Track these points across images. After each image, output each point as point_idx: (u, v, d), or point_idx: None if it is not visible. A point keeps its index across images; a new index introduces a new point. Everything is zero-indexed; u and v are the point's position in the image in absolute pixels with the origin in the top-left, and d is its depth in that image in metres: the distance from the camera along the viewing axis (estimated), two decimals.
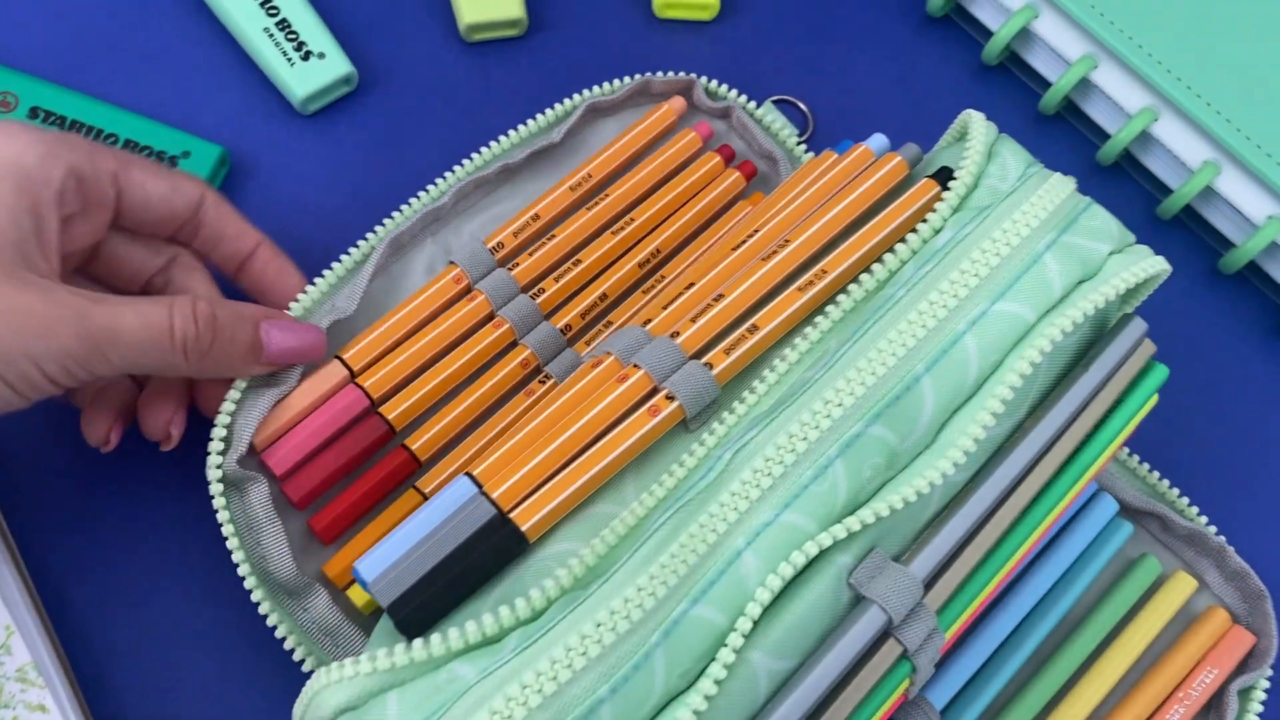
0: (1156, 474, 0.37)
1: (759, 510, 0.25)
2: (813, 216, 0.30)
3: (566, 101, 0.38)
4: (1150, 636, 0.34)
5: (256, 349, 0.29)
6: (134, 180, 0.31)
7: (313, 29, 0.40)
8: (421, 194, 0.36)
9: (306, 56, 0.40)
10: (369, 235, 0.35)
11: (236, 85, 0.40)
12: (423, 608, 0.25)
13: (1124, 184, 0.42)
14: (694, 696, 0.23)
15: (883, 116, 0.42)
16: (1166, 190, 0.41)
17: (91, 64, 0.40)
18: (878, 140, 0.33)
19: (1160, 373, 0.30)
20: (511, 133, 0.37)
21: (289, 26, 0.40)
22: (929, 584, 0.26)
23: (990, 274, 0.27)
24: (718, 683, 0.23)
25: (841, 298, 0.28)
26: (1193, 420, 0.39)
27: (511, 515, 0.26)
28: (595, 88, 0.38)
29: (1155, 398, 0.31)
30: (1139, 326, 0.29)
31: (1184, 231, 0.42)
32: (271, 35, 0.40)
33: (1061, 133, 0.43)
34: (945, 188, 0.30)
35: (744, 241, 0.31)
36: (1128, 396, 0.30)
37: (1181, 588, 0.35)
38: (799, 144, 0.39)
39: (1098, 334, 0.30)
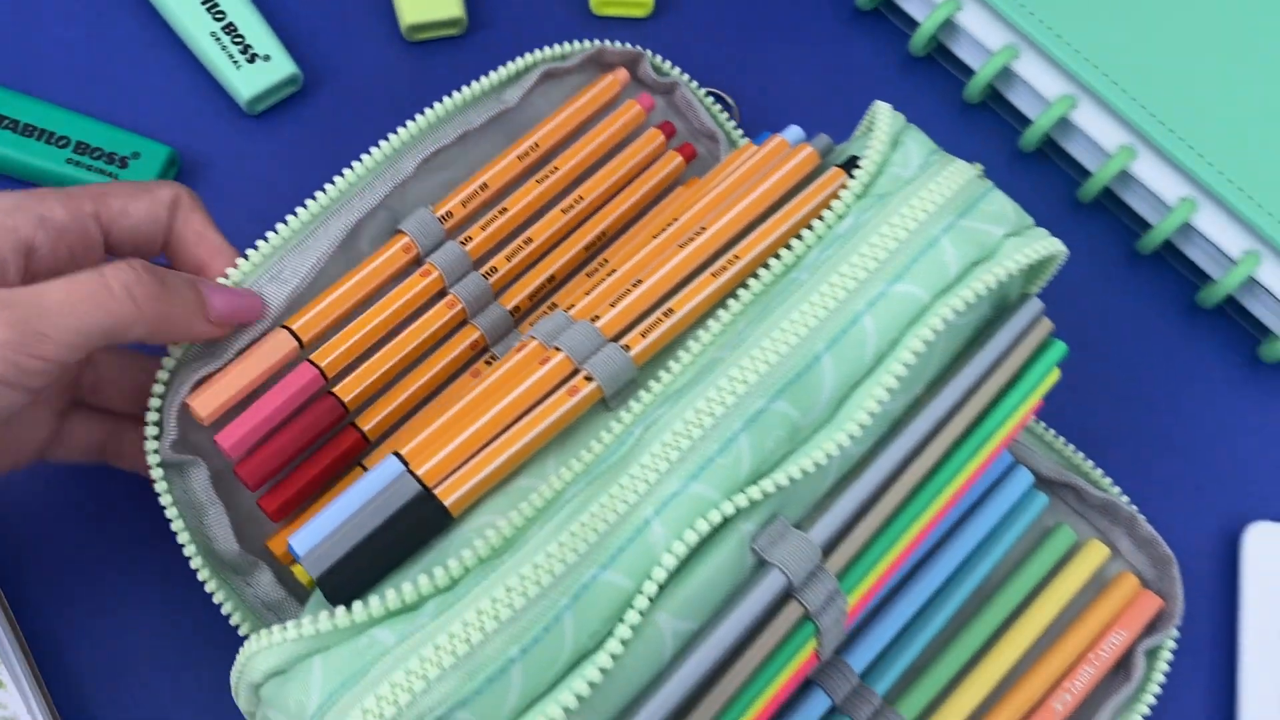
0: (1072, 447, 0.38)
1: (667, 481, 0.26)
2: (728, 205, 0.32)
3: (521, 60, 0.37)
4: (1064, 601, 0.36)
5: (203, 304, 0.30)
6: (115, 211, 0.31)
7: (258, 32, 0.41)
8: (370, 154, 0.34)
9: (252, 59, 0.41)
10: (308, 204, 0.33)
11: (184, 87, 0.42)
12: (350, 579, 0.26)
13: (1047, 169, 0.44)
14: (601, 655, 0.24)
15: (813, 109, 0.43)
16: (1087, 174, 0.43)
17: (41, 68, 0.41)
18: (793, 132, 0.34)
19: (1058, 349, 0.32)
20: (464, 90, 0.36)
21: (235, 30, 0.41)
22: (829, 549, 0.28)
23: (889, 257, 0.28)
24: (624, 642, 0.25)
25: (751, 281, 0.30)
26: (1108, 395, 0.40)
27: (436, 491, 0.27)
28: (548, 49, 0.38)
29: (1056, 373, 0.32)
30: (1035, 306, 0.31)
31: (1105, 214, 0.43)
32: (218, 38, 0.41)
33: (987, 121, 0.44)
34: (851, 176, 0.31)
35: (664, 230, 0.32)
36: (1026, 371, 0.31)
37: (1094, 555, 0.37)
38: (736, 128, 0.40)
39: (998, 314, 0.32)
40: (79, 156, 0.39)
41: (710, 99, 0.41)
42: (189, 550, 0.30)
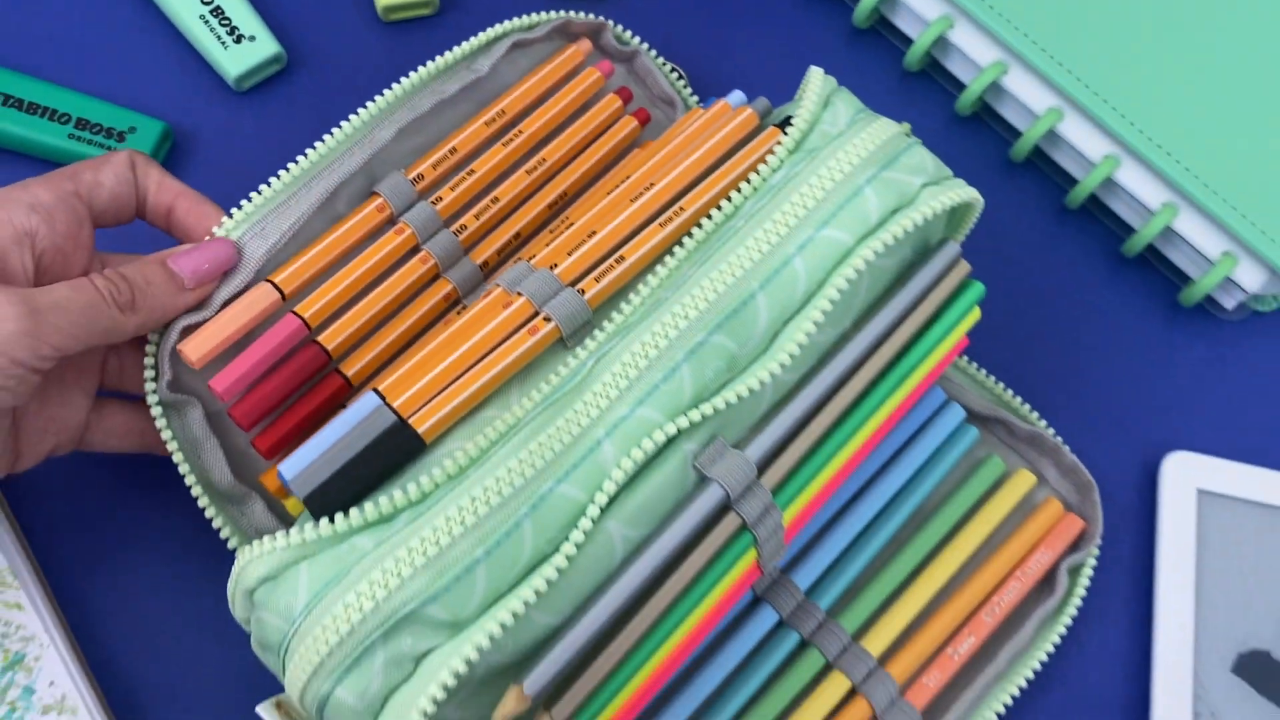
0: (1002, 385, 0.42)
1: (617, 406, 0.29)
2: (676, 163, 0.35)
3: (491, 30, 0.40)
4: (993, 524, 0.39)
5: (175, 279, 0.33)
6: (90, 183, 0.34)
7: (243, 13, 0.44)
8: (346, 123, 0.36)
9: (239, 39, 0.44)
10: (289, 168, 0.36)
11: (175, 66, 0.44)
12: (334, 499, 0.29)
13: (981, 132, 0.47)
14: (558, 557, 0.28)
15: (765, 79, 0.46)
16: (1018, 135, 0.46)
17: (43, 50, 0.44)
18: (735, 96, 0.37)
19: (976, 289, 0.35)
20: (436, 59, 0.38)
21: (222, 13, 0.44)
22: (764, 466, 0.31)
23: (817, 205, 0.32)
24: (578, 546, 0.28)
25: (695, 230, 0.33)
26: (1039, 338, 0.43)
27: (410, 420, 0.30)
28: (516, 19, 0.40)
29: (977, 311, 0.36)
30: (952, 249, 0.34)
31: (1036, 172, 0.46)
32: (206, 20, 0.44)
33: (927, 88, 0.47)
34: (785, 134, 0.34)
35: (618, 186, 0.35)
36: (947, 309, 0.34)
37: (1021, 483, 0.40)
38: (691, 95, 0.43)
39: (920, 257, 0.35)
40: (79, 132, 0.42)
41: (668, 67, 0.44)
42: (189, 480, 0.33)
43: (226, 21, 0.44)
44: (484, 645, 0.26)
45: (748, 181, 0.33)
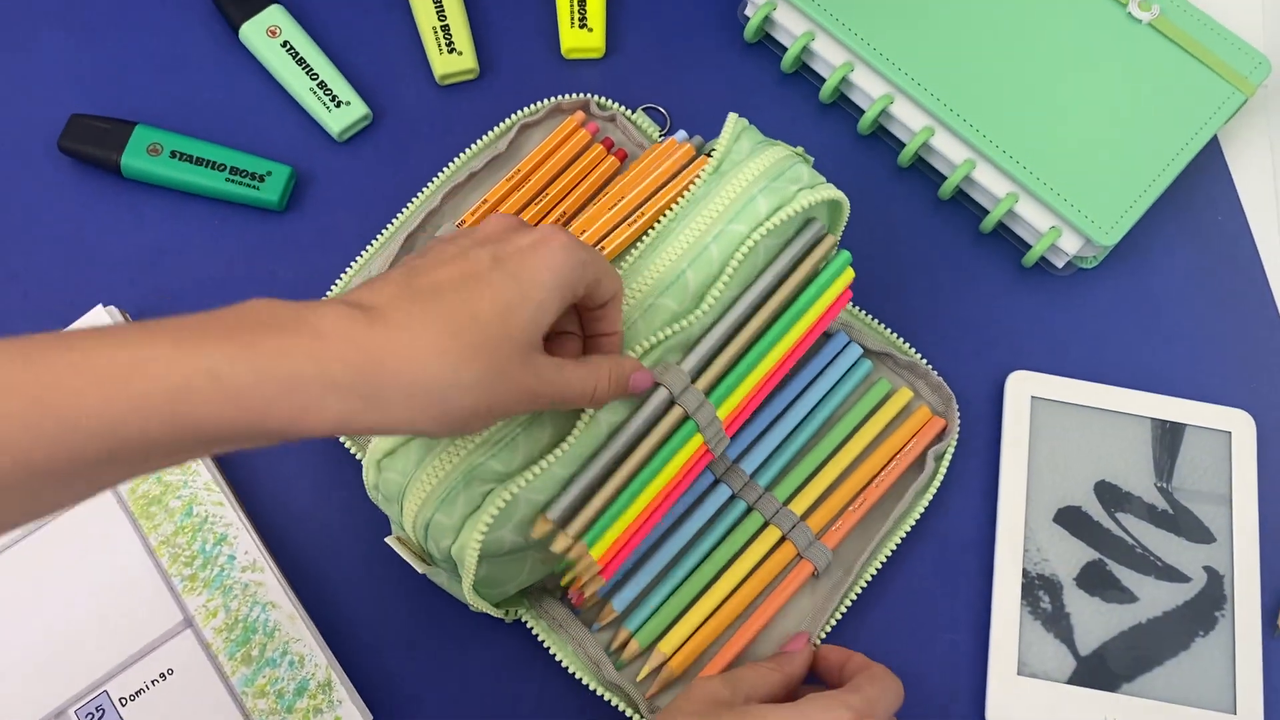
0: (889, 329, 0.58)
1: None
2: (636, 183, 0.52)
3: (506, 121, 0.59)
4: (881, 426, 0.56)
5: (625, 387, 0.43)
6: (597, 281, 0.41)
7: (340, 84, 0.62)
8: (418, 196, 0.57)
9: (338, 104, 0.62)
10: (387, 228, 0.56)
11: (294, 126, 0.62)
12: None
13: (876, 146, 0.63)
14: (571, 434, 0.45)
15: (716, 116, 0.63)
16: (902, 145, 0.63)
17: (199, 117, 0.62)
18: (680, 134, 0.54)
19: (844, 256, 0.51)
20: (471, 147, 0.58)
21: (325, 85, 0.62)
22: (696, 376, 0.48)
23: (724, 210, 0.48)
24: (582, 426, 0.45)
25: (649, 231, 0.50)
26: (918, 295, 0.60)
27: None
28: (524, 108, 0.60)
29: (851, 271, 0.52)
30: (816, 226, 0.50)
31: (917, 174, 0.63)
32: (314, 91, 0.62)
33: (838, 116, 0.64)
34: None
35: (600, 201, 0.53)
36: (823, 270, 0.51)
37: (901, 398, 0.57)
38: (661, 136, 0.61)
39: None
40: (233, 177, 0.60)
41: (645, 114, 0.61)
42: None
43: (329, 91, 0.62)
44: (522, 485, 0.43)
45: (684, 195, 0.50)
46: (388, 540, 0.47)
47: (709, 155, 0.52)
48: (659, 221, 0.49)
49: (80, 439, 0.31)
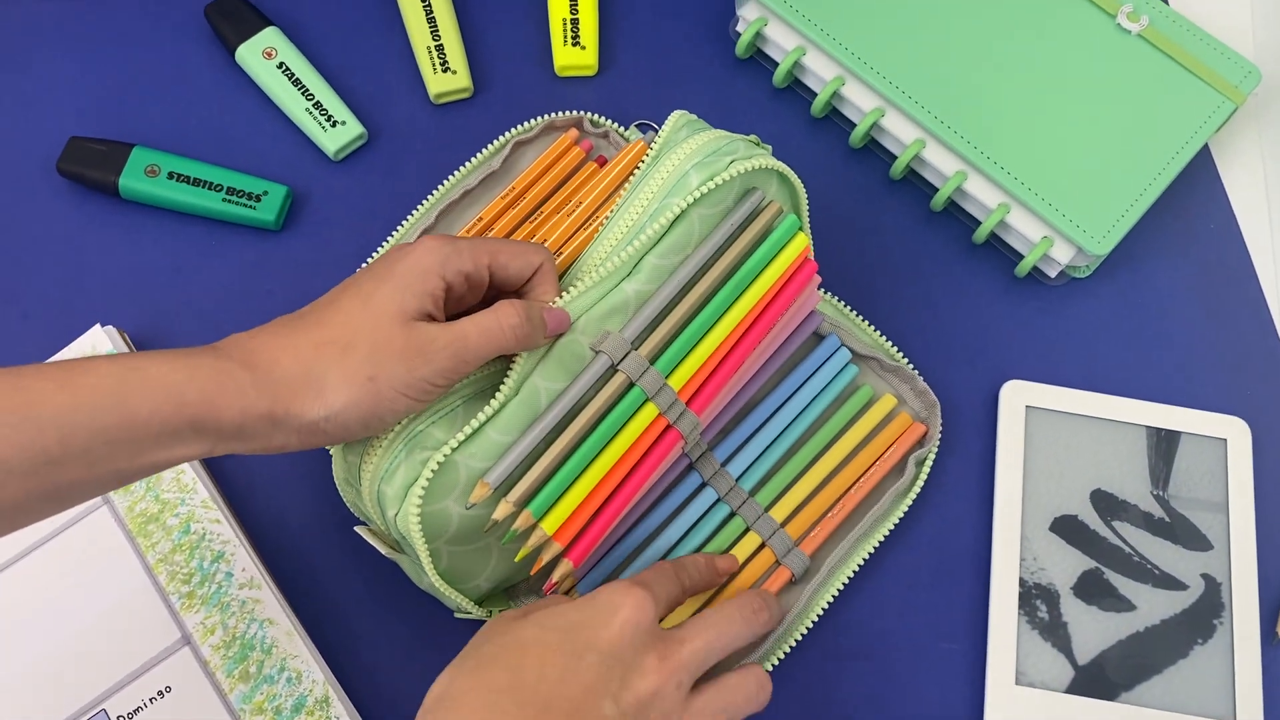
0: (880, 333, 0.58)
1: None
2: (592, 189, 0.54)
3: (500, 139, 0.60)
4: (865, 432, 0.56)
5: (544, 325, 0.45)
6: (500, 264, 0.45)
7: (335, 104, 0.63)
8: (413, 213, 0.58)
9: (334, 124, 0.62)
10: (382, 246, 0.57)
11: (290, 146, 0.63)
12: None
13: (867, 160, 0.64)
14: (494, 401, 0.45)
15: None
16: (894, 157, 0.63)
17: (196, 138, 0.63)
18: (647, 135, 0.55)
19: (789, 219, 0.50)
20: (465, 165, 0.59)
21: (321, 105, 0.63)
22: (638, 344, 0.47)
23: (661, 186, 0.48)
24: (510, 397, 0.45)
25: (609, 214, 0.50)
26: (911, 303, 0.60)
27: None
28: (518, 126, 0.60)
29: (804, 238, 0.50)
30: (757, 194, 0.49)
31: (910, 186, 0.63)
32: (310, 111, 0.63)
33: (830, 129, 0.64)
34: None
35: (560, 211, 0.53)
36: (769, 235, 0.50)
37: (885, 404, 0.57)
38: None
39: (750, 213, 0.50)
40: (230, 197, 0.60)
41: (638, 131, 0.62)
42: None
43: (325, 111, 0.63)
44: (454, 445, 0.43)
45: (625, 187, 0.51)
46: (357, 529, 0.48)
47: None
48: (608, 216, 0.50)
49: (32, 429, 0.36)
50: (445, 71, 0.63)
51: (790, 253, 0.50)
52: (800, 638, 0.53)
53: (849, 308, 0.59)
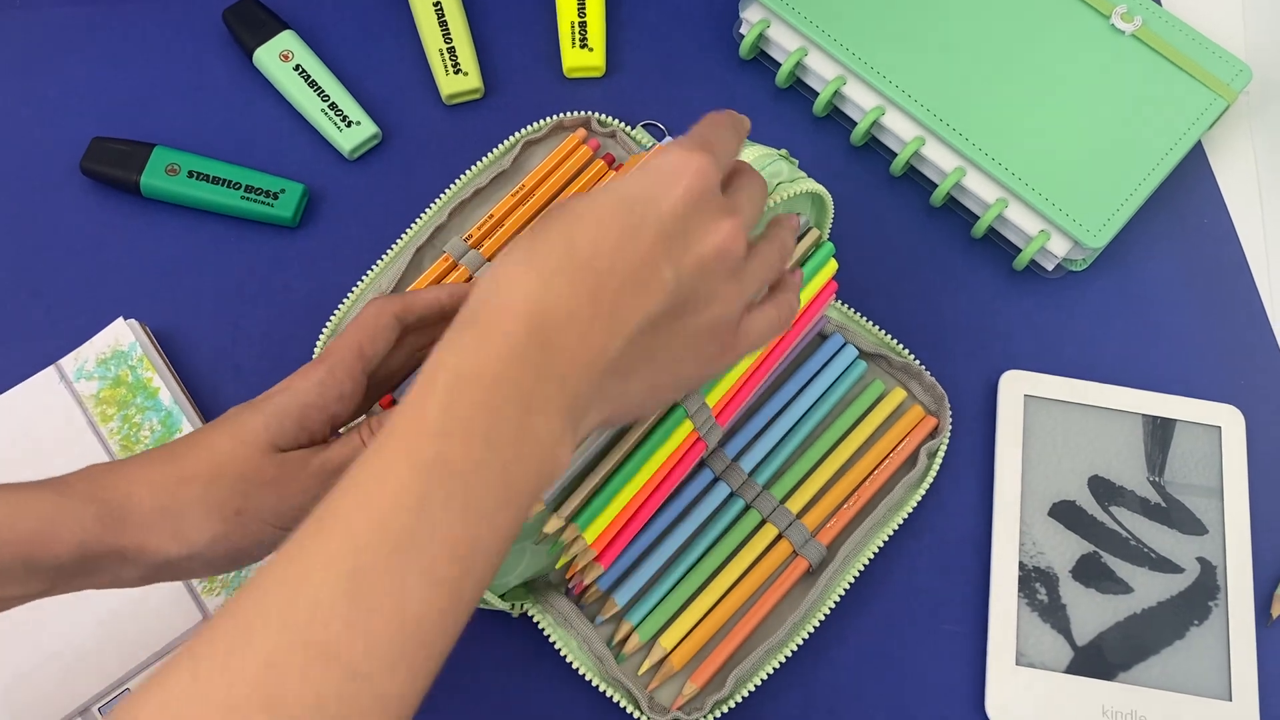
0: (885, 331, 0.60)
1: None
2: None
3: (510, 139, 0.61)
4: (875, 426, 0.58)
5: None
6: (415, 311, 0.46)
7: (350, 105, 0.64)
8: (426, 211, 0.59)
9: (349, 124, 0.64)
10: (396, 243, 0.58)
11: (306, 145, 0.65)
12: None
13: (870, 157, 0.65)
14: None
15: None
16: (894, 155, 0.65)
17: (215, 138, 0.64)
18: (667, 140, 0.56)
19: (827, 248, 0.52)
20: (477, 164, 0.60)
21: (336, 106, 0.64)
22: None
23: None
24: None
25: None
26: (914, 298, 0.62)
27: None
28: (528, 126, 0.62)
29: (834, 263, 0.53)
30: (800, 219, 0.51)
31: (910, 182, 0.65)
32: (325, 112, 0.64)
33: (832, 128, 0.66)
34: None
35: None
36: (806, 262, 0.52)
37: (895, 397, 0.58)
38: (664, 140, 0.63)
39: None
40: (248, 194, 0.62)
41: (645, 130, 0.63)
42: None
43: (340, 112, 0.64)
44: None
45: None
46: None
47: None
48: None
49: None
50: (457, 73, 0.65)
51: (823, 277, 0.52)
52: (816, 626, 0.54)
53: (853, 310, 0.60)
